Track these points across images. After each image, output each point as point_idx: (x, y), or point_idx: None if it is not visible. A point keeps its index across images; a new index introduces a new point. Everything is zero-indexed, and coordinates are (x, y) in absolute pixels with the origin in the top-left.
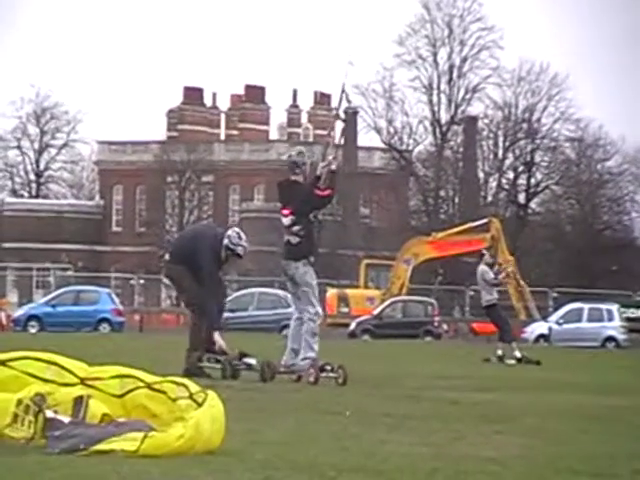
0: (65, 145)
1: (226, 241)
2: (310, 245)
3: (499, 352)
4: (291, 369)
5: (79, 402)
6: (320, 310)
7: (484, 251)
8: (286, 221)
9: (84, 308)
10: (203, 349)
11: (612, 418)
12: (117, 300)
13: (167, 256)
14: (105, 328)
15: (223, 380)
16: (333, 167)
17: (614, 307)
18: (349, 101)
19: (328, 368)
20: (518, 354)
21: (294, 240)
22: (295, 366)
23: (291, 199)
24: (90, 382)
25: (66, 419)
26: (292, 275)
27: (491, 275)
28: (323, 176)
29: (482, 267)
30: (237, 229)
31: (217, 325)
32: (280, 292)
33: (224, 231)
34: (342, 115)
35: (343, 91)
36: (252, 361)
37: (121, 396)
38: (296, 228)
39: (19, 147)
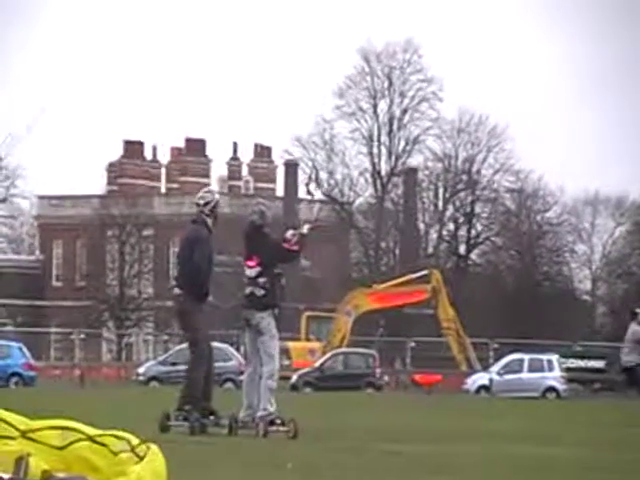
0: (4, 200)
1: (203, 202)
2: (274, 298)
3: None
4: (247, 424)
5: (20, 462)
6: (277, 366)
7: (638, 310)
8: (251, 272)
9: None
10: (199, 404)
11: (550, 468)
12: (28, 354)
13: (176, 290)
14: (18, 383)
15: (191, 437)
16: (305, 231)
17: (554, 357)
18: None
19: (278, 422)
20: None
21: (259, 292)
22: (255, 420)
23: (259, 250)
24: (31, 435)
25: (6, 476)
26: (256, 324)
27: None
28: (294, 239)
29: (635, 327)
30: (203, 190)
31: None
32: (221, 345)
33: (199, 208)
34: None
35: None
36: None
37: (62, 448)
38: (262, 280)
39: None
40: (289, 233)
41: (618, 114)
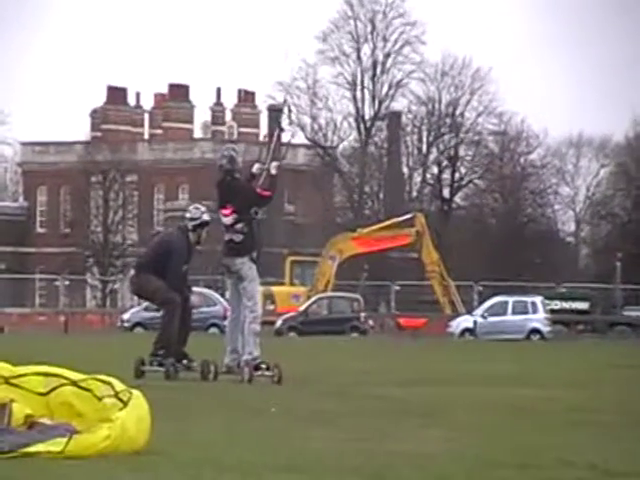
0: None
1: (189, 216)
2: (253, 242)
3: None
4: (233, 370)
5: (3, 408)
6: (259, 309)
7: None
8: (228, 220)
9: None
10: (174, 350)
11: (536, 410)
12: None
13: (132, 271)
14: None
15: (165, 381)
16: (273, 171)
17: (538, 299)
18: (291, 121)
19: (263, 367)
20: None
21: (237, 238)
22: (239, 365)
23: (232, 197)
24: (14, 380)
25: None
26: (237, 270)
27: None
28: (262, 179)
29: None
30: (194, 205)
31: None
32: (205, 290)
33: (184, 221)
34: (286, 128)
35: (287, 109)
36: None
37: (45, 394)
38: (239, 226)
39: None
40: (255, 167)
41: (601, 55)
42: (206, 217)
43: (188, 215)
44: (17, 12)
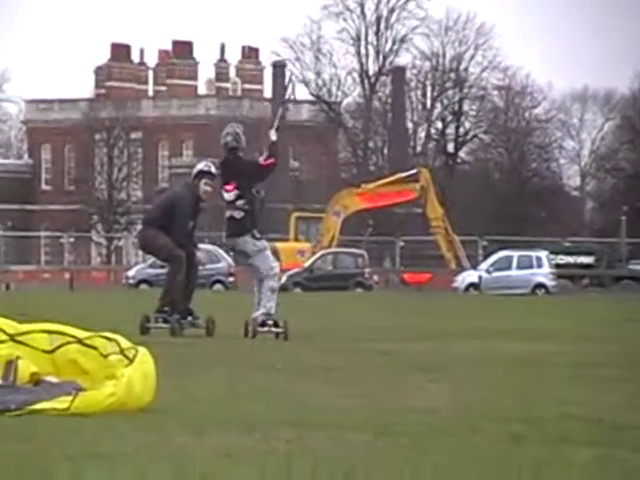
0: None
1: (199, 167)
2: (253, 218)
3: None
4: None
5: (9, 366)
6: (275, 267)
7: None
8: (229, 196)
9: None
10: (179, 307)
11: (542, 364)
12: None
13: (139, 227)
14: None
15: (170, 338)
16: (273, 138)
17: (543, 254)
18: (293, 96)
19: (270, 323)
20: None
21: (238, 215)
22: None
23: (236, 175)
24: (19, 338)
25: None
26: (242, 250)
27: None
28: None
29: None
30: (199, 160)
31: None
32: (209, 247)
33: (192, 177)
34: (289, 103)
35: (290, 81)
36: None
37: (51, 352)
38: (240, 202)
39: None
40: (272, 134)
41: (606, 9)
42: (201, 166)
43: (197, 167)
44: None
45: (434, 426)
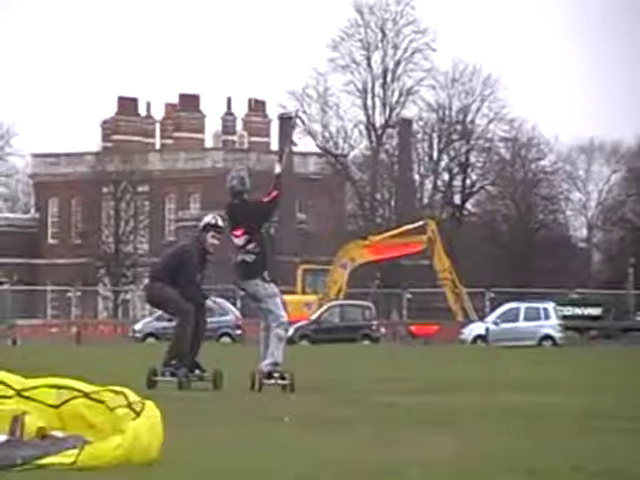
0: None
1: (207, 220)
2: (264, 261)
3: None
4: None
5: (16, 421)
6: (284, 316)
7: None
8: (240, 241)
9: None
10: (187, 360)
11: (547, 416)
12: None
13: (147, 281)
14: None
15: (178, 391)
16: (278, 170)
17: (550, 305)
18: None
19: (276, 375)
20: None
21: (250, 258)
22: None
23: (243, 218)
24: (26, 393)
25: (2, 437)
26: (253, 293)
27: None
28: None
29: None
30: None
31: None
32: (218, 299)
33: (199, 230)
34: (296, 142)
35: (295, 119)
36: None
37: (57, 406)
38: (251, 246)
39: None
40: (277, 168)
41: (612, 60)
42: (208, 219)
43: (205, 220)
44: (29, 22)
45: (441, 478)
